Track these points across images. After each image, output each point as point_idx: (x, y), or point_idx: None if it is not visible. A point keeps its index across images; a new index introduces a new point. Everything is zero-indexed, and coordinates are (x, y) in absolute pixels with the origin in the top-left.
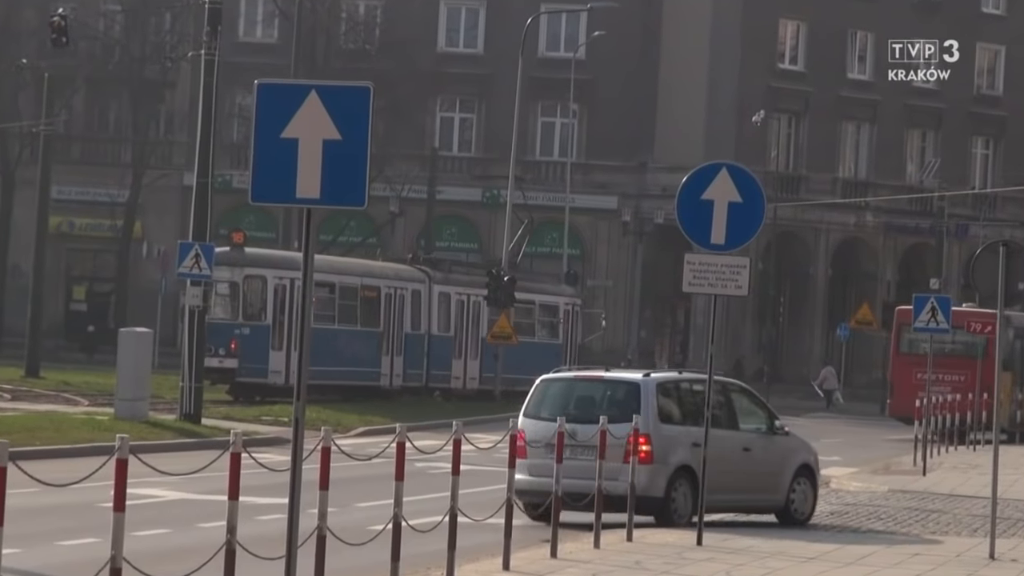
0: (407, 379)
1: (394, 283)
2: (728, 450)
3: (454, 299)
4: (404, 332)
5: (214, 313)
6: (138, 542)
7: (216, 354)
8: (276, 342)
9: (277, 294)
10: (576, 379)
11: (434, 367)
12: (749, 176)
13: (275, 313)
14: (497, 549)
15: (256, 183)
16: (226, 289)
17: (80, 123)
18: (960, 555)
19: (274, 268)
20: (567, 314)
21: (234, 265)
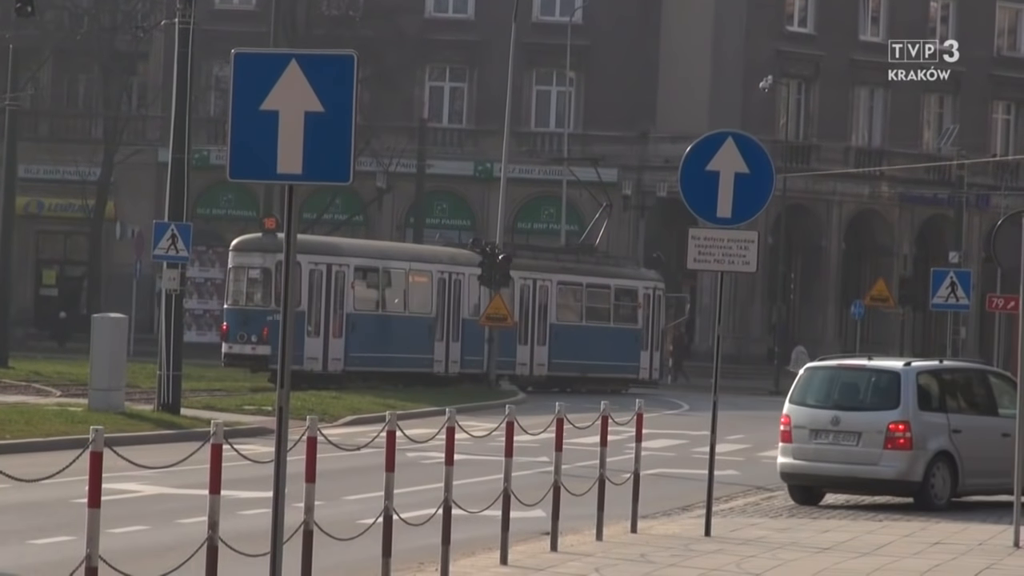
0: (465, 366)
1: (448, 268)
2: (987, 436)
3: (518, 283)
4: (461, 318)
5: (245, 300)
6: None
7: (248, 341)
8: (312, 328)
9: (313, 279)
10: (840, 367)
11: (498, 353)
12: (756, 146)
13: (310, 299)
14: (494, 542)
15: (234, 159)
16: (258, 275)
17: (48, 98)
18: (983, 543)
19: (309, 253)
20: (647, 298)
21: (266, 251)
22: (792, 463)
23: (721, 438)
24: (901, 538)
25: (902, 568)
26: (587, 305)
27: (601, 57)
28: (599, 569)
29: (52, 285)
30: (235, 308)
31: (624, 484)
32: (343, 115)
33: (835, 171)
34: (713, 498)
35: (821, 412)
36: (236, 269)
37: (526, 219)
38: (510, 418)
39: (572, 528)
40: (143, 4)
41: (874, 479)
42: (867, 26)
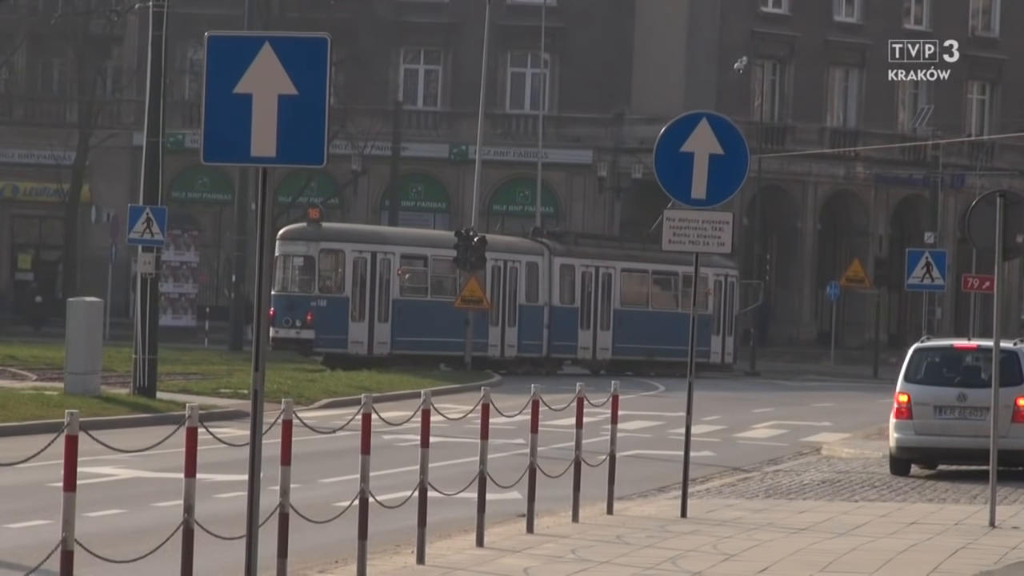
0: (522, 350)
1: (503, 255)
2: None
3: (579, 270)
4: (518, 304)
5: (289, 286)
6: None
7: (293, 325)
8: (356, 313)
9: (356, 267)
10: (954, 348)
11: (557, 338)
12: (731, 127)
13: (354, 285)
14: (470, 524)
15: (208, 142)
16: (301, 263)
17: (22, 82)
18: (959, 523)
19: (353, 242)
20: (719, 285)
21: (309, 240)
22: (914, 438)
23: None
24: (877, 518)
25: (878, 548)
26: (653, 291)
27: (576, 39)
28: (575, 551)
29: (27, 269)
30: (281, 294)
31: (600, 466)
32: (317, 98)
33: (810, 152)
34: (689, 479)
35: (946, 390)
36: (282, 257)
37: (501, 201)
38: (485, 400)
39: (548, 510)
40: None
41: (1005, 451)
42: (842, 7)
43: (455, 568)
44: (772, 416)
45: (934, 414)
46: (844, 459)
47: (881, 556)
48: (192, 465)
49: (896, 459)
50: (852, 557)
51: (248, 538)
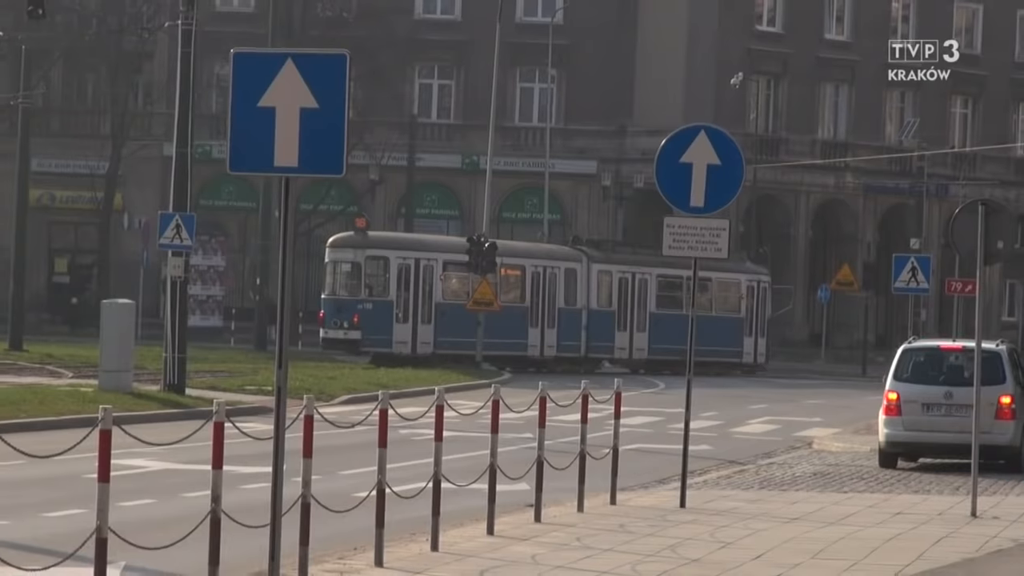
0: (561, 350)
1: (542, 262)
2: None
3: (616, 276)
4: (557, 307)
5: (338, 290)
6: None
7: (341, 327)
8: (400, 315)
9: (401, 273)
10: (940, 348)
11: (595, 339)
12: (728, 139)
13: (398, 289)
14: (481, 514)
15: (234, 153)
16: (348, 268)
17: (58, 96)
18: (942, 513)
19: (397, 249)
20: (751, 290)
21: (356, 247)
22: (903, 434)
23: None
24: (865, 508)
25: (866, 536)
26: (687, 296)
27: (581, 55)
28: (580, 538)
29: (64, 273)
30: (331, 298)
31: (604, 458)
32: (336, 111)
33: (802, 163)
34: (688, 472)
35: (932, 388)
36: (331, 263)
37: (511, 209)
38: (495, 397)
39: (555, 500)
40: (148, 7)
41: (987, 446)
42: (832, 25)
43: (467, 555)
44: (766, 412)
45: (922, 411)
46: (834, 453)
47: (869, 544)
48: (219, 458)
49: (885, 453)
50: (842, 545)
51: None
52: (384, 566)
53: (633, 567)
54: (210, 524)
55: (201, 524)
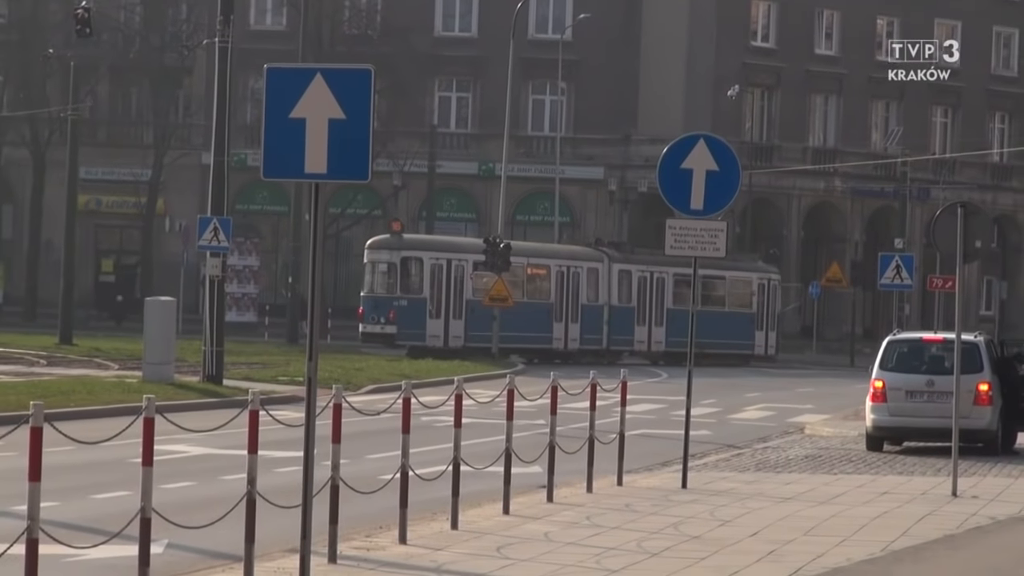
0: (584, 343)
1: (567, 262)
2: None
3: (635, 275)
4: (580, 303)
5: (376, 288)
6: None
7: (379, 322)
8: (433, 311)
9: (434, 272)
10: (923, 340)
11: (616, 333)
12: (725, 146)
13: (431, 288)
14: (497, 495)
15: (267, 160)
16: (385, 268)
17: (105, 108)
18: (925, 493)
19: (431, 251)
20: (762, 288)
21: (392, 249)
22: (888, 419)
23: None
24: (854, 489)
25: (855, 515)
26: (703, 293)
27: (588, 69)
28: (589, 517)
29: (110, 272)
30: (369, 296)
31: (611, 443)
32: (362, 121)
33: (794, 168)
34: (689, 455)
35: (916, 377)
36: (369, 264)
37: (524, 212)
38: (510, 386)
39: (566, 482)
40: (188, 26)
41: (967, 430)
42: (822, 40)
43: (484, 533)
44: (761, 400)
45: (906, 398)
46: (825, 437)
47: (857, 522)
48: (254, 443)
49: (872, 437)
50: (832, 523)
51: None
52: (407, 543)
53: (639, 543)
54: (246, 505)
55: (238, 505)
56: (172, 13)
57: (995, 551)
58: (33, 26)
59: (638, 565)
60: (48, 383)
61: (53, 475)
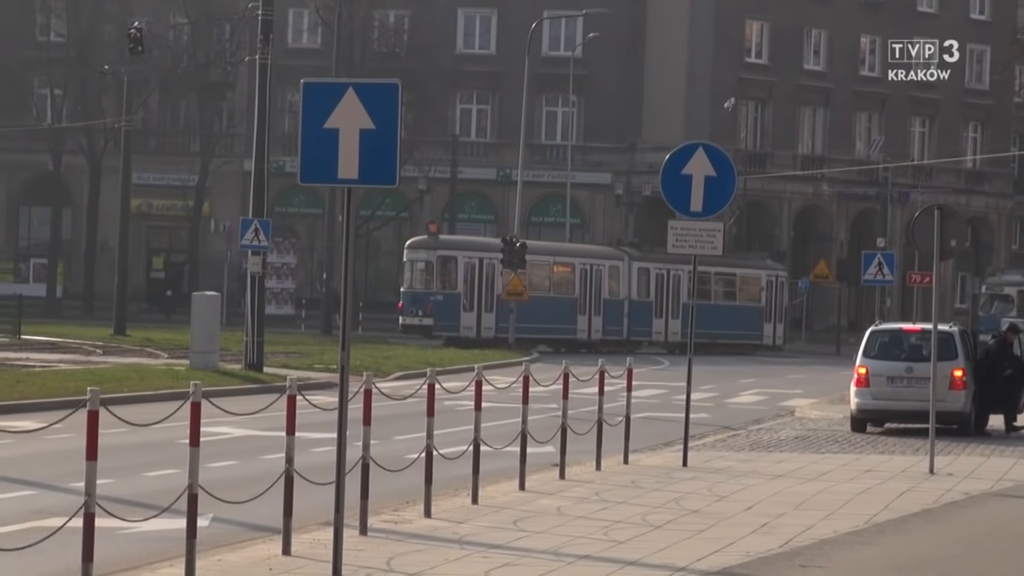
0: (606, 334)
1: (590, 260)
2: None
3: (653, 272)
4: (603, 298)
5: (414, 284)
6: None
7: (417, 315)
8: (467, 305)
9: (467, 270)
10: (902, 330)
11: (635, 324)
12: (722, 154)
13: (465, 284)
14: (513, 472)
15: (304, 167)
16: (423, 266)
17: (155, 119)
18: (905, 471)
19: (465, 250)
20: (770, 284)
21: (429, 248)
22: (871, 403)
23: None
24: (839, 467)
25: (840, 491)
26: (715, 288)
27: (597, 84)
28: (598, 493)
29: (160, 269)
30: (408, 291)
31: (617, 425)
32: (390, 131)
33: (785, 174)
34: (689, 436)
35: (896, 364)
36: (408, 262)
37: (538, 214)
38: (526, 373)
39: (576, 461)
40: (231, 44)
41: (943, 412)
42: (810, 57)
43: (502, 507)
44: (755, 385)
45: (887, 383)
46: (813, 419)
47: (842, 497)
48: (292, 425)
49: (856, 419)
50: (819, 498)
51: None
52: (432, 517)
53: (643, 517)
54: (284, 482)
55: (277, 482)
56: (217, 32)
57: (969, 523)
58: (90, 45)
59: (643, 537)
60: (103, 370)
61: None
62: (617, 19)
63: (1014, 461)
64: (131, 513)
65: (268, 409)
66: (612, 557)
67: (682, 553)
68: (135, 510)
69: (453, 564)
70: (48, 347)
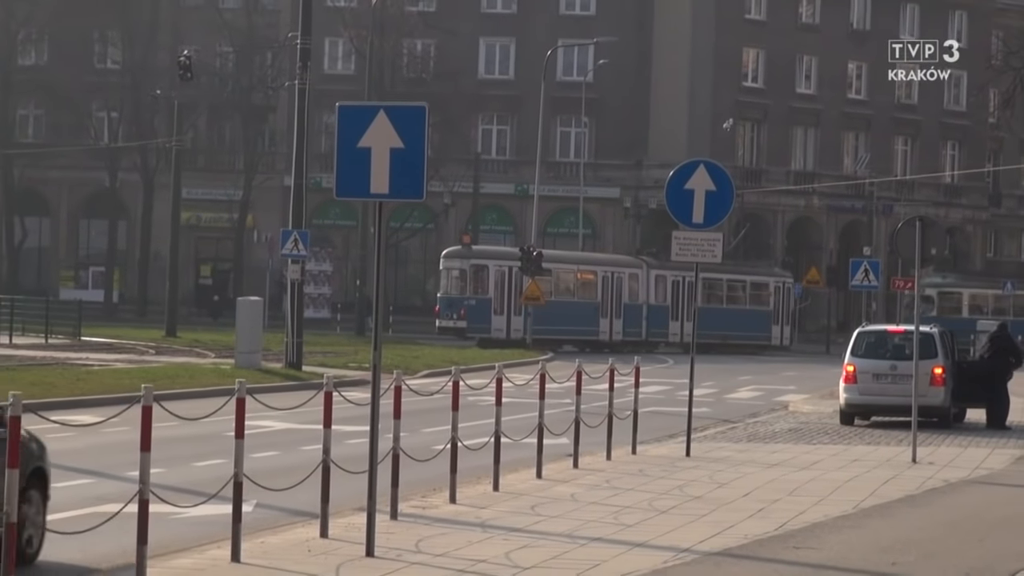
0: (627, 335)
1: (611, 268)
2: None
3: (670, 279)
4: (623, 302)
5: (450, 290)
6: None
7: (451, 318)
8: (497, 309)
9: (498, 277)
10: (887, 331)
11: (653, 326)
12: (721, 170)
13: (496, 290)
14: (531, 462)
15: (339, 183)
16: (457, 274)
17: (203, 139)
18: (889, 460)
19: (495, 259)
20: (777, 289)
21: (463, 257)
22: (858, 398)
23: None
24: (829, 457)
25: (830, 478)
26: (727, 293)
27: (607, 106)
28: (609, 481)
29: (207, 276)
30: (444, 296)
31: (626, 419)
32: (418, 150)
33: (779, 188)
34: (692, 428)
35: (881, 362)
36: (444, 270)
37: (553, 226)
38: (542, 371)
39: (588, 451)
40: (272, 70)
41: (924, 406)
42: (802, 81)
43: (521, 494)
44: (752, 382)
45: (873, 380)
46: (805, 413)
47: (832, 484)
48: (328, 419)
49: (844, 413)
50: (811, 485)
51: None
52: (456, 503)
53: (650, 503)
54: (322, 471)
55: (315, 471)
56: (259, 60)
57: (948, 508)
58: (143, 71)
59: (649, 520)
60: (156, 369)
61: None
62: (625, 47)
63: (989, 451)
64: (182, 499)
65: (306, 404)
66: (622, 539)
67: (686, 536)
68: (185, 497)
69: (476, 546)
70: (105, 347)
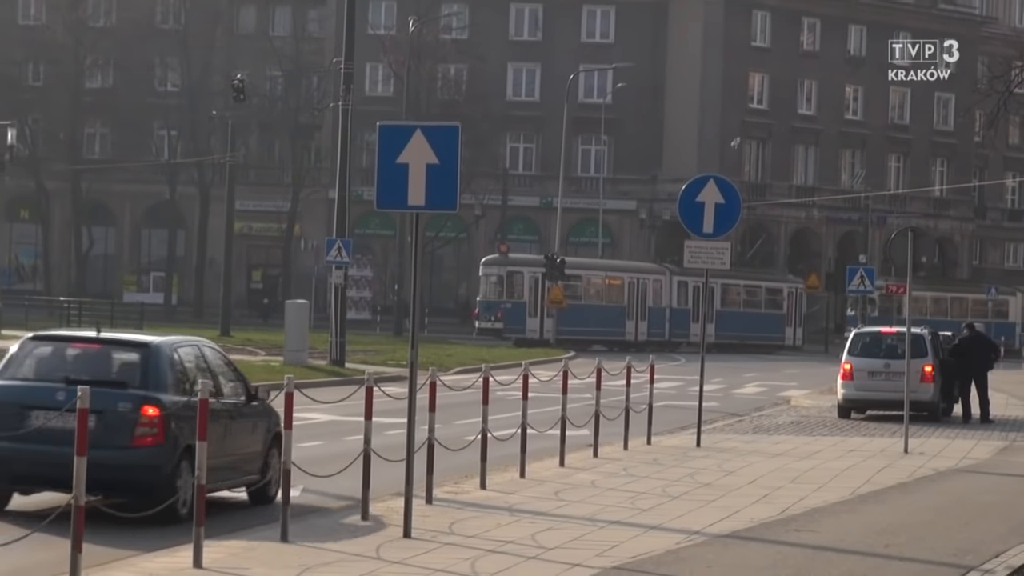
0: (651, 336)
1: (635, 275)
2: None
3: (691, 285)
4: (647, 306)
5: (488, 295)
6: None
7: (489, 320)
8: (531, 311)
9: (532, 282)
10: (881, 332)
11: (675, 328)
12: (729, 184)
13: (530, 294)
14: (554, 452)
15: (380, 195)
16: (495, 279)
17: (254, 155)
18: (883, 450)
19: (529, 267)
20: (790, 295)
21: (500, 265)
22: (855, 393)
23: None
24: (828, 447)
25: (829, 467)
26: (744, 298)
27: (625, 125)
28: (626, 469)
29: (258, 281)
30: (483, 300)
31: (642, 412)
32: (451, 165)
33: (782, 201)
34: (702, 421)
35: (875, 360)
36: (483, 276)
37: (575, 235)
38: (565, 368)
39: (607, 442)
40: (317, 92)
41: (915, 401)
42: (803, 103)
43: (545, 480)
44: (757, 379)
45: (868, 377)
46: (806, 407)
47: (831, 472)
48: (369, 412)
49: (842, 407)
50: (811, 473)
51: (407, 461)
52: (486, 488)
53: (664, 489)
54: (363, 459)
55: (356, 459)
56: (306, 83)
57: (938, 494)
58: (200, 94)
59: (663, 505)
60: None
61: None
62: (641, 72)
63: (976, 442)
64: None
65: (349, 398)
66: (638, 522)
67: (696, 519)
68: None
69: (504, 528)
70: None
